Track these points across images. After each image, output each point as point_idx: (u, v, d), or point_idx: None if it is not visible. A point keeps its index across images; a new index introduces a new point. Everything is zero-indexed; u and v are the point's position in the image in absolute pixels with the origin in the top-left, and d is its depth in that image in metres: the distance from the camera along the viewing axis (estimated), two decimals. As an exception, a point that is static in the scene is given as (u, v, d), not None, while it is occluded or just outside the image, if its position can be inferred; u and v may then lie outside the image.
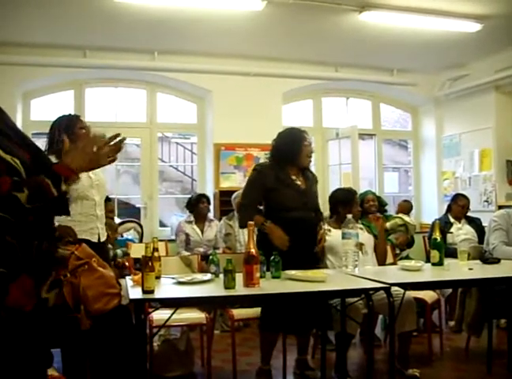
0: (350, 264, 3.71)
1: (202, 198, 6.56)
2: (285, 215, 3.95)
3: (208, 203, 6.65)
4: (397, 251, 5.78)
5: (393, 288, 3.34)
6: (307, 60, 7.80)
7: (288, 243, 3.83)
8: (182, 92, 8.03)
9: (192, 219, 6.48)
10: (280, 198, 3.98)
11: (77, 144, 2.16)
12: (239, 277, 3.16)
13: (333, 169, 8.40)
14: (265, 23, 6.27)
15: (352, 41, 6.96)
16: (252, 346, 4.73)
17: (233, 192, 6.56)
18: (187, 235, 6.35)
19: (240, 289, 3.09)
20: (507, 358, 4.37)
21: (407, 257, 5.67)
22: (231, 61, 7.54)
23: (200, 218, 6.50)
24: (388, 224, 6.00)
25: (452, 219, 6.19)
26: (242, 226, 3.94)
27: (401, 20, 6.15)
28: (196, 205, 6.50)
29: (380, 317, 5.02)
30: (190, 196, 6.89)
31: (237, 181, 7.64)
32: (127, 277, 3.50)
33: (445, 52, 7.42)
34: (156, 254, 3.31)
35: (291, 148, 4.08)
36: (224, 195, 7.20)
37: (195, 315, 4.29)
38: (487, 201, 7.89)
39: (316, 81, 8.14)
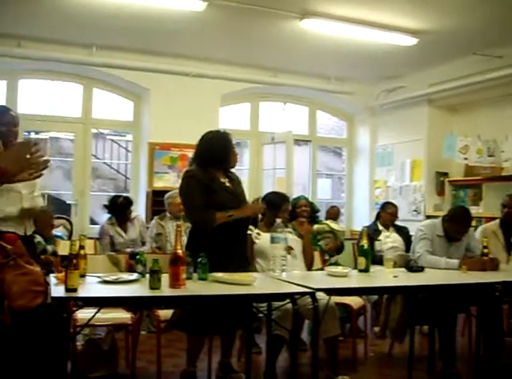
0: (278, 268, 3.72)
1: (128, 203, 6.37)
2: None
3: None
4: (327, 257, 5.85)
5: (318, 294, 3.39)
6: (247, 63, 7.82)
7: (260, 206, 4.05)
8: (119, 89, 7.91)
9: (114, 220, 6.30)
10: (218, 200, 3.94)
11: (13, 147, 2.14)
12: (167, 278, 3.13)
13: (268, 173, 8.44)
14: (206, 24, 6.25)
15: (291, 47, 7.02)
16: (178, 347, 4.71)
17: (166, 192, 6.51)
18: (111, 237, 6.18)
19: (165, 290, 3.07)
20: (427, 363, 4.51)
21: (336, 263, 5.74)
22: (170, 60, 7.49)
23: (123, 220, 6.34)
24: (315, 227, 6.06)
25: (380, 227, 6.31)
26: (211, 227, 3.86)
27: (341, 30, 6.22)
28: (124, 213, 6.33)
29: (306, 321, 5.07)
30: (111, 198, 6.54)
31: (171, 181, 7.59)
32: (51, 275, 3.42)
33: (382, 63, 7.57)
34: (82, 252, 3.25)
35: (221, 150, 4.07)
36: (157, 195, 7.12)
37: (120, 315, 4.24)
38: (416, 211, 8.09)
39: (254, 85, 8.16)
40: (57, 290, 2.86)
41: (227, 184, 4.09)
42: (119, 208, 6.29)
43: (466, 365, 4.09)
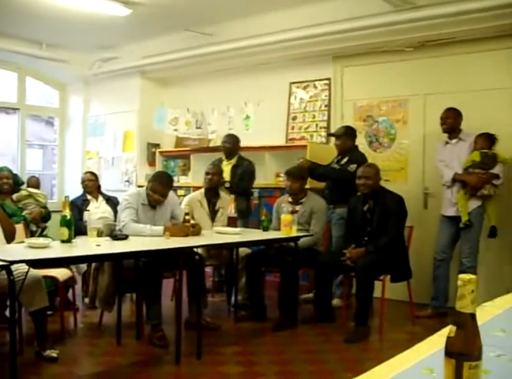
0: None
1: None
2: None
3: None
4: (34, 228, 5.61)
5: (21, 266, 3.32)
6: None
7: None
8: None
9: None
10: None
11: None
12: None
13: (-31, 143, 7.87)
14: None
15: (-1, 7, 6.53)
16: None
17: None
18: None
19: None
20: (136, 328, 4.66)
21: (46, 236, 5.54)
22: None
23: None
24: (14, 196, 5.75)
25: (89, 197, 6.26)
26: None
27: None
28: None
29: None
30: None
31: None
32: None
33: (97, 32, 7.45)
34: None
35: None
36: None
37: None
38: (128, 181, 8.21)
39: (-48, 45, 7.45)
40: None
41: None
42: None
43: (175, 327, 4.26)
